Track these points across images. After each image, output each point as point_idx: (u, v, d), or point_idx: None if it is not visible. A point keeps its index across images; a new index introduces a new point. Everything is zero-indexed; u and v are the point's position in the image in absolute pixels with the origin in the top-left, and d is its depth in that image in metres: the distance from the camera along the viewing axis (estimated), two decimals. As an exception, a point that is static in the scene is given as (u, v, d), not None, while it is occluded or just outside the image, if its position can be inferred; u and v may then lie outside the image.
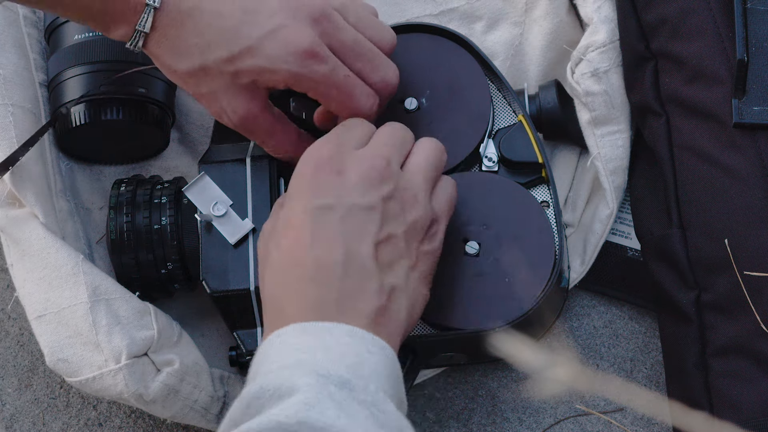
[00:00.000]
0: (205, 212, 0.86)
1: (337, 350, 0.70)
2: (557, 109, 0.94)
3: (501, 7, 1.00)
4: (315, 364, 0.68)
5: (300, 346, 0.70)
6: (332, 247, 0.75)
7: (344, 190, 0.76)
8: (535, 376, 0.57)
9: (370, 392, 0.68)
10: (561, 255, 0.87)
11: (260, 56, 0.79)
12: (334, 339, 0.71)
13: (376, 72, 0.84)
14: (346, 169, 0.77)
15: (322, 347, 0.70)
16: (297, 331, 0.71)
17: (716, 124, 0.87)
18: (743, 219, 0.85)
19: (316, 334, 0.71)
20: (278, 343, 0.71)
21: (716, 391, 0.84)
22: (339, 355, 0.69)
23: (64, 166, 0.95)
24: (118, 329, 0.86)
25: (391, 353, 0.72)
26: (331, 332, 0.71)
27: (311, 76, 0.80)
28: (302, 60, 0.80)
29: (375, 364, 0.70)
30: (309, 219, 0.76)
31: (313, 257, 0.74)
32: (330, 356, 0.69)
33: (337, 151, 0.78)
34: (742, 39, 0.87)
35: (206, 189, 0.87)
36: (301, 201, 0.77)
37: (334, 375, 0.68)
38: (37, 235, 0.88)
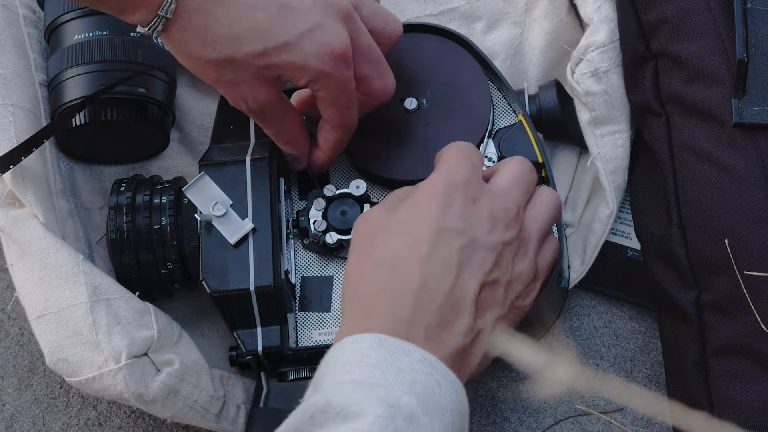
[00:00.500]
0: (205, 212, 0.86)
1: (409, 376, 0.69)
2: (557, 109, 0.94)
3: (501, 7, 1.00)
4: (386, 390, 0.68)
5: (373, 360, 0.70)
6: (445, 272, 0.75)
7: (473, 220, 0.77)
8: (535, 376, 0.57)
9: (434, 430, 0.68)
10: (561, 255, 0.87)
11: (296, 53, 0.80)
12: (408, 362, 0.70)
13: (380, 79, 0.85)
14: (479, 200, 0.78)
15: (395, 369, 0.69)
16: (374, 343, 0.71)
17: (716, 124, 0.87)
18: (743, 219, 0.85)
19: (393, 352, 0.71)
20: (351, 351, 0.71)
21: (716, 391, 0.84)
22: (410, 382, 0.69)
23: (64, 166, 0.95)
24: (118, 329, 0.86)
25: (460, 389, 0.72)
26: (409, 354, 0.71)
27: (337, 79, 0.81)
28: (335, 62, 0.81)
29: (441, 398, 0.70)
30: (431, 235, 0.76)
31: (423, 274, 0.74)
32: (401, 380, 0.69)
33: (473, 177, 0.79)
34: (742, 39, 0.87)
35: (206, 189, 0.87)
36: (428, 214, 0.77)
37: (404, 407, 0.67)
38: (37, 235, 0.88)
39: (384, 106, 0.91)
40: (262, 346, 0.86)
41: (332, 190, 0.90)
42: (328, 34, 0.80)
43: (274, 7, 0.80)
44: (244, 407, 0.91)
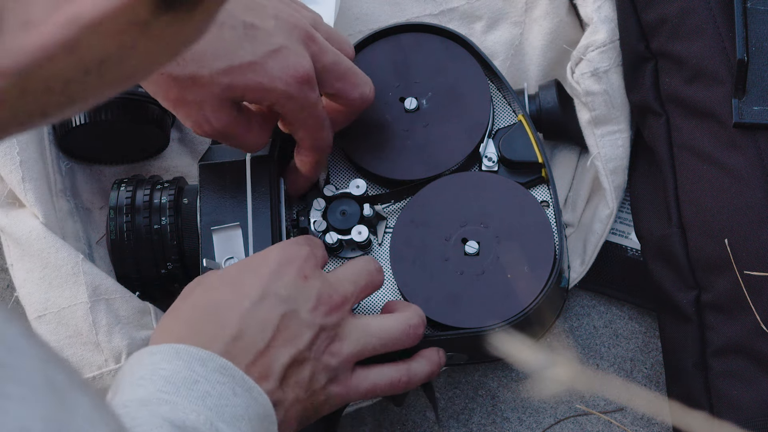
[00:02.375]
0: (217, 260, 0.85)
1: (203, 387, 0.69)
2: (557, 108, 0.94)
3: (501, 7, 1.00)
4: (173, 407, 0.67)
5: (168, 373, 0.69)
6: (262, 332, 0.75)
7: (300, 295, 0.77)
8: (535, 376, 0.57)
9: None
10: (561, 255, 0.87)
11: (262, 73, 0.79)
12: (204, 372, 0.70)
13: (355, 89, 0.85)
14: (311, 279, 0.78)
15: (189, 381, 0.69)
16: (171, 354, 0.71)
17: (716, 124, 0.87)
18: (743, 219, 0.85)
19: (188, 362, 0.70)
20: (147, 363, 0.71)
21: (716, 391, 0.84)
22: (203, 394, 0.69)
23: (64, 166, 0.95)
24: (118, 329, 0.86)
25: (260, 395, 0.72)
26: (205, 363, 0.71)
27: (302, 101, 0.81)
28: (300, 84, 0.80)
29: (237, 407, 0.70)
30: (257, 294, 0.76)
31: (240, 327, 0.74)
32: (193, 394, 0.69)
33: (310, 258, 0.79)
34: (742, 39, 0.87)
35: (232, 239, 0.86)
36: (258, 275, 0.77)
37: (189, 427, 0.67)
38: (37, 235, 0.88)
39: (384, 106, 0.91)
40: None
41: (332, 190, 0.90)
42: (292, 57, 0.80)
43: (240, 26, 0.79)
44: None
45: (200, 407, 0.68)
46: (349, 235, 0.89)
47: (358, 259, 0.83)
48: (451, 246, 0.87)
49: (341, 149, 0.92)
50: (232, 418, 0.69)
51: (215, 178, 0.87)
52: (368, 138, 0.91)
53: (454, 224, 0.87)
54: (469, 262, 0.86)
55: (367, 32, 0.94)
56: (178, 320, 0.76)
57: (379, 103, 0.92)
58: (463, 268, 0.86)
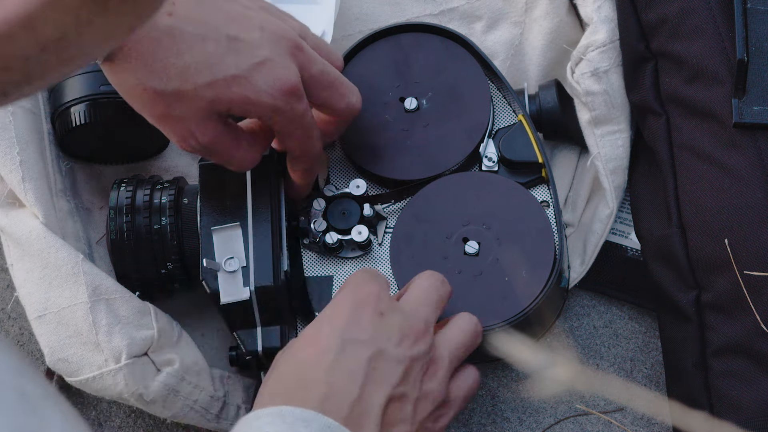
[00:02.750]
0: (217, 260, 0.85)
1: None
2: (557, 108, 0.94)
3: (501, 7, 1.00)
4: None
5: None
6: (351, 382, 0.74)
7: (381, 333, 0.76)
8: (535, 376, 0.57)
9: None
10: (561, 255, 0.87)
11: (247, 86, 0.79)
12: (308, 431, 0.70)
13: (342, 99, 0.85)
14: (387, 315, 0.77)
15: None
16: (274, 416, 0.71)
17: (716, 124, 0.87)
18: (743, 219, 0.85)
19: (292, 424, 0.70)
20: (254, 428, 0.70)
21: (716, 391, 0.84)
22: None
23: (64, 166, 0.95)
24: (118, 329, 0.86)
25: None
26: (308, 424, 0.70)
27: (289, 113, 0.81)
28: (286, 97, 0.80)
29: None
30: (337, 344, 0.75)
31: (328, 382, 0.74)
32: None
33: (382, 293, 0.78)
34: (742, 39, 0.87)
35: (232, 239, 0.86)
36: (335, 325, 0.76)
37: None
38: (37, 235, 0.88)
39: (384, 106, 0.91)
40: (262, 346, 0.85)
41: (332, 190, 0.90)
42: (278, 69, 0.80)
43: (224, 39, 0.78)
44: (244, 407, 0.91)
45: None
46: (349, 235, 0.89)
47: (421, 278, 0.82)
48: (452, 245, 0.87)
49: (341, 149, 0.92)
50: None
51: (215, 178, 0.87)
52: (368, 138, 0.91)
53: (455, 223, 0.87)
54: (468, 262, 0.86)
55: (367, 32, 0.94)
56: (272, 389, 0.76)
57: (379, 103, 0.92)
58: (462, 267, 0.86)
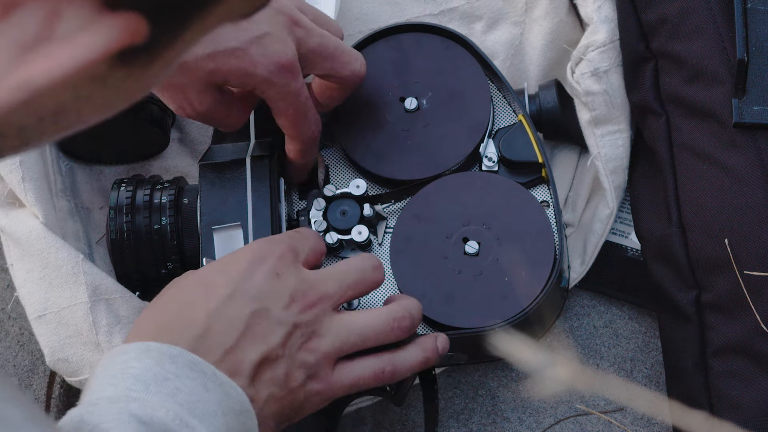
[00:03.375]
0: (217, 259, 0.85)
1: (173, 384, 0.69)
2: (557, 108, 0.94)
3: (501, 7, 1.00)
4: (143, 403, 0.67)
5: (138, 371, 0.69)
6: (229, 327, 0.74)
7: (271, 293, 0.76)
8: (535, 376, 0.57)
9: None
10: (561, 255, 0.87)
11: (244, 59, 0.80)
12: (174, 368, 0.70)
13: (345, 67, 0.86)
14: (284, 278, 0.77)
15: (159, 378, 0.69)
16: (140, 352, 0.70)
17: (716, 124, 0.87)
18: (743, 219, 0.85)
19: (159, 359, 0.70)
20: (119, 362, 0.70)
21: (716, 391, 0.84)
22: (173, 391, 0.68)
23: (64, 166, 0.95)
24: (118, 329, 0.86)
25: (234, 389, 0.71)
26: (175, 360, 0.70)
27: (283, 89, 0.82)
28: (281, 72, 0.81)
29: (209, 402, 0.69)
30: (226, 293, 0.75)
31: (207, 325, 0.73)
32: (162, 391, 0.68)
33: (289, 256, 0.78)
34: (742, 39, 0.87)
35: (233, 239, 0.86)
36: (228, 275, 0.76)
37: (157, 423, 0.66)
38: (37, 235, 0.88)
39: (384, 106, 0.91)
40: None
41: (332, 190, 0.90)
42: (275, 44, 0.81)
43: None
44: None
45: (170, 404, 0.67)
46: (349, 235, 0.89)
47: (354, 257, 0.82)
48: (452, 245, 0.87)
49: (341, 149, 0.92)
50: (204, 413, 0.68)
51: (215, 178, 0.87)
52: (368, 138, 0.91)
53: (456, 223, 0.87)
54: (468, 262, 0.86)
55: (367, 32, 0.94)
56: (149, 320, 0.76)
57: (379, 103, 0.92)
58: (462, 267, 0.86)
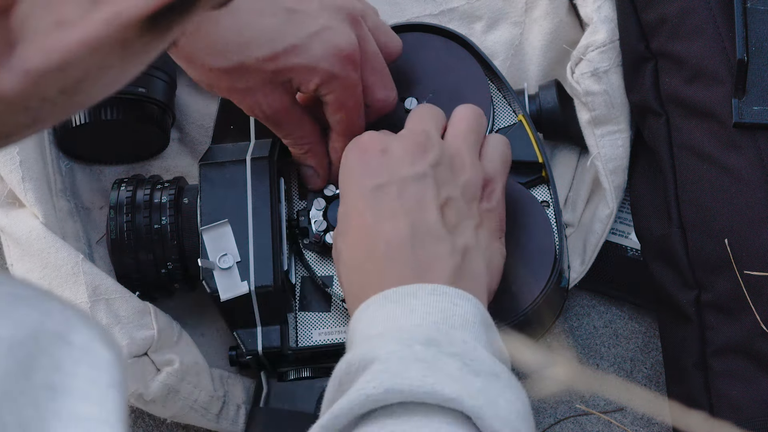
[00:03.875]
0: (211, 259, 0.85)
1: (422, 310, 0.71)
2: (557, 108, 0.94)
3: (501, 7, 1.00)
4: (398, 330, 0.69)
5: (384, 315, 0.71)
6: (397, 222, 0.76)
7: (393, 166, 0.78)
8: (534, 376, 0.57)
9: (457, 343, 0.69)
10: (561, 255, 0.87)
11: (304, 55, 0.81)
12: (418, 301, 0.71)
13: (383, 90, 0.86)
14: (390, 147, 0.79)
15: (407, 311, 0.71)
16: (380, 301, 0.72)
17: (716, 124, 0.87)
18: (743, 219, 0.85)
19: (400, 300, 0.72)
20: (365, 318, 0.72)
21: (716, 391, 0.84)
22: (424, 315, 0.70)
23: (64, 166, 0.95)
24: (118, 329, 0.86)
25: (477, 302, 0.73)
26: (415, 294, 0.72)
27: (345, 80, 0.82)
28: (342, 63, 0.82)
29: (463, 315, 0.71)
30: (367, 202, 0.77)
31: (381, 236, 0.76)
32: (414, 319, 0.70)
33: (376, 134, 0.80)
34: (742, 39, 0.87)
35: (222, 237, 0.86)
36: (355, 187, 0.78)
37: (418, 336, 0.68)
38: (37, 235, 0.88)
39: None
40: (262, 346, 0.85)
41: (333, 189, 0.90)
42: (336, 36, 0.81)
43: (282, 12, 0.81)
44: (244, 407, 0.91)
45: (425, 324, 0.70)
46: (349, 235, 0.89)
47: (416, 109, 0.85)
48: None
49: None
50: (462, 322, 0.70)
51: (215, 178, 0.87)
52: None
53: None
54: None
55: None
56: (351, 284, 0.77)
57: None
58: None
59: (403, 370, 0.66)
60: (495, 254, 0.79)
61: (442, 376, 0.66)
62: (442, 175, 0.78)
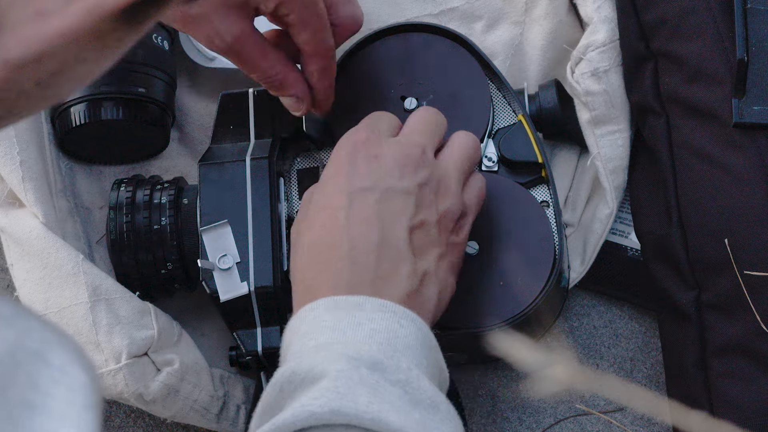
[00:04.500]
0: (211, 260, 0.85)
1: (369, 326, 0.70)
2: (557, 108, 0.94)
3: (501, 6, 1.00)
4: (346, 345, 0.69)
5: (331, 322, 0.70)
6: (369, 228, 0.75)
7: (381, 173, 0.77)
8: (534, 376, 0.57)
9: (402, 370, 0.68)
10: (561, 255, 0.87)
11: None
12: (365, 314, 0.71)
13: (347, 5, 0.85)
14: (382, 154, 0.78)
15: (354, 324, 0.70)
16: (329, 306, 0.72)
17: (716, 124, 0.87)
18: (743, 219, 0.85)
19: (348, 309, 0.71)
20: (310, 319, 0.72)
21: (716, 390, 0.84)
22: (370, 332, 0.70)
23: (64, 166, 0.95)
24: (118, 329, 0.86)
25: (423, 325, 0.72)
26: (363, 307, 0.71)
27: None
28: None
29: (407, 338, 0.70)
30: (345, 200, 0.76)
31: (349, 237, 0.75)
32: (360, 334, 0.70)
33: (373, 136, 0.79)
34: (742, 39, 0.87)
35: (222, 237, 0.86)
36: (337, 183, 0.77)
37: (365, 357, 0.68)
38: (37, 235, 0.88)
39: (384, 106, 0.91)
40: (262, 346, 0.85)
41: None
42: None
43: None
44: (244, 407, 0.91)
45: (370, 343, 0.69)
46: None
47: (419, 110, 0.84)
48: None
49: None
50: (405, 347, 0.70)
51: (215, 178, 0.87)
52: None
53: None
54: (468, 261, 0.86)
55: (367, 32, 0.94)
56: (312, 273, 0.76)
57: (378, 103, 0.92)
58: (464, 268, 0.86)
59: (349, 392, 0.66)
60: (447, 288, 0.78)
61: (386, 405, 0.66)
62: (426, 196, 0.78)
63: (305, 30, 0.82)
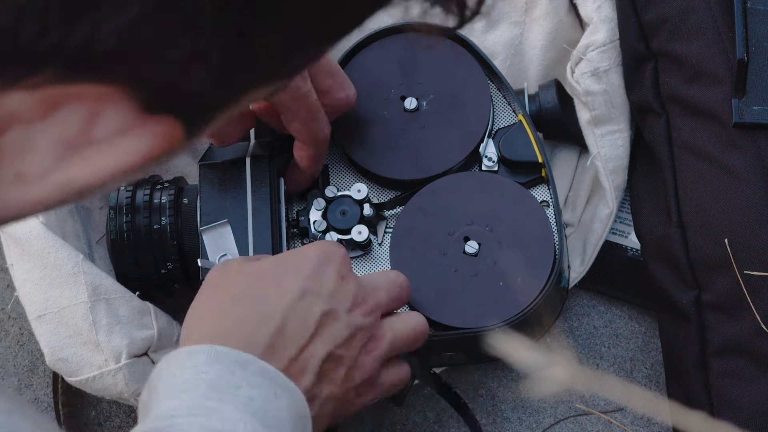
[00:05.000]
0: (211, 260, 0.85)
1: (246, 392, 0.69)
2: (557, 108, 0.94)
3: (501, 7, 1.00)
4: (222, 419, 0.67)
5: (210, 378, 0.69)
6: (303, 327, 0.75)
7: (339, 294, 0.77)
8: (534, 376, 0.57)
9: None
10: (561, 255, 0.87)
11: None
12: (245, 375, 0.70)
13: (342, 89, 0.87)
14: (347, 280, 0.78)
15: (232, 386, 0.69)
16: (211, 356, 0.71)
17: (716, 124, 0.87)
18: (743, 219, 0.85)
19: (230, 366, 0.70)
20: (190, 366, 0.70)
21: (716, 391, 0.84)
22: (247, 400, 0.69)
23: (64, 166, 0.95)
24: (118, 329, 0.86)
25: (300, 396, 0.72)
26: (245, 367, 0.71)
27: (294, 91, 0.82)
28: None
29: (280, 410, 0.70)
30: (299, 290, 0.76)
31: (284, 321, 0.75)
32: (237, 401, 0.69)
33: (347, 259, 0.80)
34: (742, 39, 0.87)
35: (222, 237, 0.86)
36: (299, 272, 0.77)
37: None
38: (37, 234, 0.88)
39: (384, 106, 0.91)
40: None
41: (333, 191, 0.90)
42: None
43: None
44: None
45: (245, 414, 0.68)
46: (349, 235, 0.89)
47: (389, 271, 0.84)
48: (453, 242, 0.87)
49: (341, 149, 0.92)
50: (276, 421, 0.70)
51: (215, 178, 0.87)
52: (367, 137, 0.91)
53: (459, 221, 0.87)
54: (470, 262, 0.86)
55: (367, 32, 0.94)
56: (217, 313, 0.76)
57: (378, 103, 0.92)
58: (459, 266, 0.86)
59: None
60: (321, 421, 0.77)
61: None
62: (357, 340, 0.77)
63: (295, 121, 0.84)
